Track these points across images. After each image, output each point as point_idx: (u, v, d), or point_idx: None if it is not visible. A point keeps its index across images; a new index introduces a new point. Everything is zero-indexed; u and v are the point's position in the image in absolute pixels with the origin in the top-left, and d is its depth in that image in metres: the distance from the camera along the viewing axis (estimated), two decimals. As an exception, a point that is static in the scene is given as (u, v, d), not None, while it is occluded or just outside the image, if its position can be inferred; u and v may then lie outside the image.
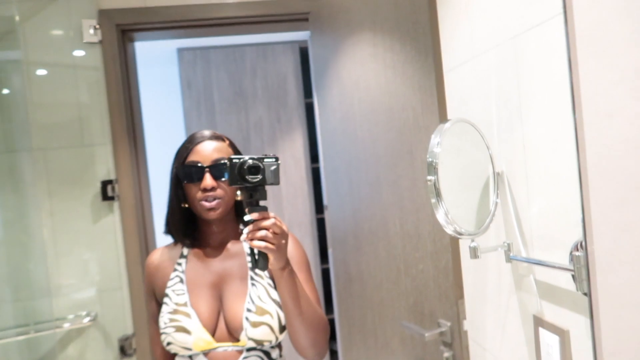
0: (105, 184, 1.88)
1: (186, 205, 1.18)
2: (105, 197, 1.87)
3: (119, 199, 1.90)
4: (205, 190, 1.12)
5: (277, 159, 1.01)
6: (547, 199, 0.71)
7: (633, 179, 0.61)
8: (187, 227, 1.20)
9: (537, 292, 0.74)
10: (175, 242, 1.25)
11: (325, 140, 2.01)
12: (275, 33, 2.78)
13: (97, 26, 1.91)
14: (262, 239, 0.93)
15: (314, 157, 3.44)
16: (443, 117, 1.23)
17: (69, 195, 1.86)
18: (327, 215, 3.22)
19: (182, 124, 3.27)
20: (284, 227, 0.97)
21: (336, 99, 1.85)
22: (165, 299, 1.16)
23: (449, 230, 0.74)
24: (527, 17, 0.73)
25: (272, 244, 0.94)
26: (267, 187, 0.99)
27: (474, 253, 0.77)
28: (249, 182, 0.96)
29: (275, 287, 1.13)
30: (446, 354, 1.30)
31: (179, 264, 1.20)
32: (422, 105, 1.30)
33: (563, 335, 0.68)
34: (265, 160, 0.99)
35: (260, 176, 0.97)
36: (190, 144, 1.17)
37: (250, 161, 0.96)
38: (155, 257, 1.25)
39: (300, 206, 3.34)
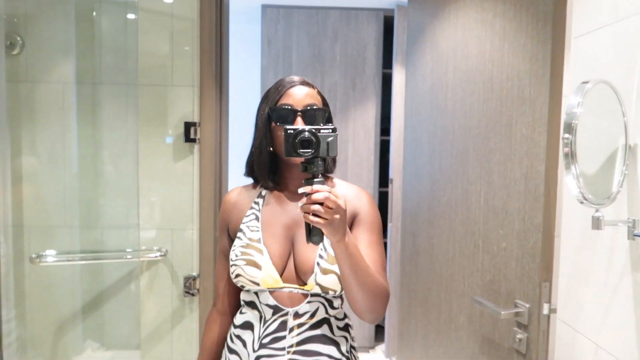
0: (188, 125, 1.92)
1: (270, 149, 1.16)
2: (188, 138, 1.92)
3: (199, 141, 1.94)
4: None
5: (334, 129, 0.95)
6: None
7: None
8: (268, 171, 1.18)
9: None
10: (255, 184, 1.24)
11: (410, 109, 1.96)
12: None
13: (197, -28, 1.92)
14: (315, 213, 0.90)
15: (383, 130, 3.39)
16: (556, 89, 1.16)
17: (153, 133, 1.92)
18: (392, 189, 3.19)
19: (259, 80, 3.30)
20: (340, 202, 0.92)
21: (428, 66, 1.79)
22: (239, 234, 1.17)
23: (578, 196, 0.69)
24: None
25: (325, 218, 0.90)
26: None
27: (597, 224, 0.72)
28: (302, 155, 0.94)
29: None
30: (519, 336, 1.26)
31: (256, 203, 1.20)
32: (531, 76, 1.24)
33: (692, 321, 0.63)
34: (322, 131, 0.94)
35: (312, 150, 0.93)
36: (282, 87, 1.15)
37: (305, 134, 0.93)
38: (234, 194, 1.26)
39: (365, 177, 3.32)
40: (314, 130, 0.94)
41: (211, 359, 1.25)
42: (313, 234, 0.94)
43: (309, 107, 1.13)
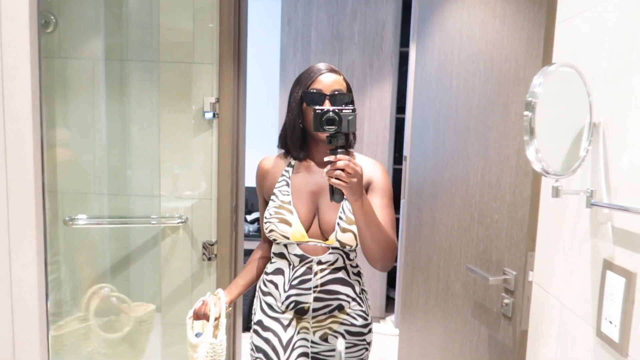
0: (208, 101, 2.04)
1: (301, 126, 1.39)
2: (208, 113, 2.04)
3: (218, 117, 2.06)
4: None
5: (354, 110, 1.17)
6: (641, 151, 0.73)
7: None
8: (300, 144, 1.40)
9: (612, 238, 0.78)
10: (285, 154, 1.46)
11: (418, 88, 2.04)
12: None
13: (218, -48, 2.02)
14: (337, 177, 1.12)
15: (399, 108, 3.45)
16: (546, 71, 1.23)
17: (175, 108, 2.05)
18: (406, 167, 3.27)
19: (278, 58, 3.39)
20: (357, 169, 1.14)
21: (436, 47, 1.86)
22: (273, 197, 1.41)
23: (537, 167, 0.79)
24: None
25: (345, 182, 1.12)
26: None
27: (556, 192, 0.82)
28: (327, 131, 1.16)
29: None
30: (506, 301, 1.36)
31: (287, 171, 1.43)
32: (526, 58, 1.31)
33: (630, 277, 0.72)
34: (344, 111, 1.16)
35: (335, 127, 1.16)
36: (313, 73, 1.36)
37: (330, 113, 1.16)
38: (267, 162, 1.49)
39: (380, 154, 3.40)
40: (337, 111, 1.16)
41: (250, 278, 1.49)
42: (335, 194, 1.17)
43: (336, 92, 1.35)
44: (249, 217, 3.70)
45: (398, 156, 3.56)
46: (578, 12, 0.95)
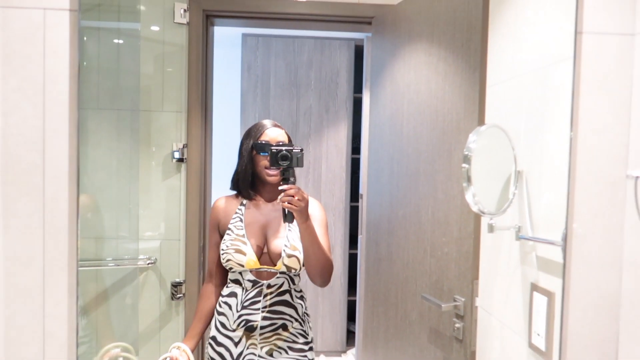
0: (176, 147, 2.15)
1: (250, 170, 1.62)
2: (176, 158, 2.15)
3: (186, 161, 2.17)
4: (271, 156, 1.50)
5: (302, 149, 1.48)
6: (553, 193, 0.92)
7: (606, 180, 0.84)
8: (251, 185, 1.65)
9: (536, 265, 0.96)
10: (237, 195, 1.70)
11: (373, 133, 2.24)
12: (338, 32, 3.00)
13: (186, 9, 2.19)
14: (289, 202, 1.40)
15: (355, 148, 3.67)
16: (481, 123, 1.44)
17: (145, 153, 2.15)
18: (362, 204, 3.46)
19: (239, 103, 3.55)
20: (305, 195, 1.43)
21: (388, 98, 2.07)
22: (228, 231, 1.63)
23: (475, 208, 0.96)
24: (553, 54, 0.94)
25: (296, 206, 1.40)
26: (299, 169, 1.50)
27: (491, 228, 0.99)
28: (281, 166, 1.45)
29: None
30: (457, 325, 1.52)
31: (240, 209, 1.66)
32: (465, 112, 1.52)
33: (550, 296, 0.90)
34: (294, 150, 1.46)
35: (288, 162, 1.45)
36: (261, 127, 1.65)
37: (283, 151, 1.45)
38: (222, 202, 1.71)
39: (337, 193, 3.58)
40: (289, 149, 1.46)
41: (206, 319, 1.67)
42: (287, 216, 1.44)
43: (280, 143, 1.60)
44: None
45: (354, 194, 3.75)
46: (502, 80, 1.16)
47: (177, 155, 2.16)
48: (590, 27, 0.81)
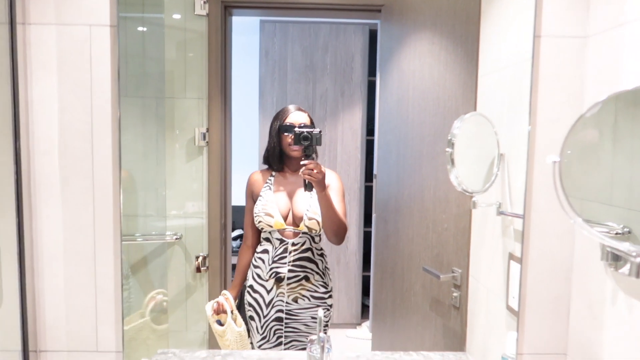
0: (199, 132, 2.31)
1: (279, 147, 1.97)
2: (198, 143, 2.32)
3: (208, 145, 2.34)
4: (294, 136, 1.81)
5: (320, 131, 1.77)
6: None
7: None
8: (279, 160, 1.98)
9: (513, 237, 1.09)
10: (268, 168, 2.03)
11: (382, 118, 2.37)
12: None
13: (206, 1, 2.32)
14: (309, 174, 1.71)
15: (369, 130, 3.78)
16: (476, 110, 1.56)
17: (170, 137, 2.32)
18: (375, 184, 3.58)
19: (257, 87, 3.68)
20: (322, 169, 1.74)
21: (395, 84, 2.19)
22: (260, 198, 1.98)
23: (458, 188, 1.09)
24: (527, 50, 1.05)
25: (315, 177, 1.72)
26: (318, 147, 1.85)
27: (474, 205, 1.12)
28: (303, 144, 1.76)
29: None
30: (455, 294, 1.67)
31: (269, 180, 1.99)
32: (463, 99, 1.64)
33: (524, 261, 1.03)
34: (314, 132, 1.77)
35: (308, 141, 1.75)
36: (287, 111, 1.99)
37: (304, 133, 1.76)
38: (255, 175, 2.08)
39: (352, 173, 3.72)
40: (310, 131, 1.77)
41: (243, 273, 2.03)
42: (307, 186, 1.76)
43: (302, 124, 1.92)
44: (233, 234, 3.94)
45: (369, 174, 3.88)
46: (490, 71, 1.28)
47: (199, 139, 2.33)
48: (547, 31, 0.92)
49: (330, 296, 1.99)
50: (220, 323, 1.94)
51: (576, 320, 1.06)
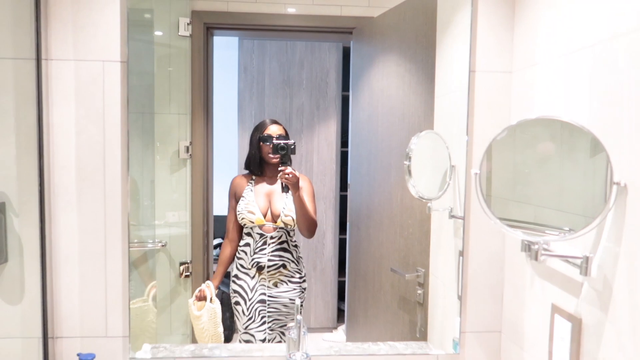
0: (182, 145, 2.46)
1: (258, 155, 2.21)
2: (182, 156, 2.46)
3: (191, 157, 2.48)
4: (272, 147, 2.08)
5: (294, 142, 2.05)
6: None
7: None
8: (259, 166, 2.22)
9: (462, 237, 1.27)
10: (249, 173, 2.27)
11: (354, 131, 2.55)
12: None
13: (189, 23, 2.48)
14: (285, 178, 1.99)
15: (343, 142, 3.98)
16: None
17: (157, 151, 2.46)
18: (349, 193, 3.77)
19: (236, 101, 3.85)
20: (296, 174, 2.02)
21: (366, 100, 2.38)
22: (242, 198, 2.24)
23: (416, 195, 1.27)
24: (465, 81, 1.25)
25: (290, 181, 2.00)
26: (295, 157, 2.08)
27: (429, 210, 1.30)
28: (280, 153, 2.02)
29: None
30: (419, 291, 1.85)
31: (250, 183, 2.24)
32: (425, 116, 1.83)
33: (465, 255, 1.21)
34: (289, 142, 2.04)
35: (285, 151, 2.02)
36: (265, 124, 2.25)
37: (281, 144, 2.03)
38: (238, 178, 2.31)
39: (328, 183, 3.90)
40: (285, 142, 2.04)
41: (225, 264, 2.27)
42: (284, 188, 2.04)
43: (279, 135, 2.16)
44: (214, 242, 4.07)
45: (344, 184, 4.06)
46: (444, 93, 1.47)
47: (183, 152, 2.47)
48: (480, 67, 1.11)
49: (304, 281, 2.28)
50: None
51: (507, 303, 1.29)
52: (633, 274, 0.87)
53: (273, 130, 2.22)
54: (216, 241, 4.19)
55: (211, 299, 2.21)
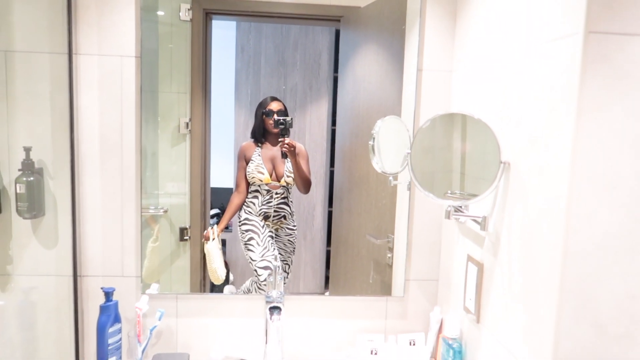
0: (182, 121, 2.70)
1: (262, 127, 2.55)
2: (182, 131, 2.70)
3: (191, 132, 2.72)
4: (274, 122, 2.49)
5: (292, 118, 2.57)
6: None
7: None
8: (263, 135, 2.56)
9: (415, 204, 1.53)
10: (254, 141, 2.64)
11: (340, 112, 2.80)
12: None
13: (190, 8, 2.69)
14: (285, 147, 2.44)
15: (334, 121, 4.21)
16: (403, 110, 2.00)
17: (159, 127, 2.69)
18: (335, 169, 4.01)
19: (233, 80, 4.06)
20: (294, 144, 2.52)
21: (351, 84, 2.62)
22: (251, 161, 2.62)
23: (379, 170, 1.52)
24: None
25: (289, 150, 2.45)
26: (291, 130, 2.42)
27: (390, 182, 1.56)
28: (280, 127, 2.43)
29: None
30: (389, 255, 2.12)
31: (257, 149, 2.59)
32: (397, 101, 2.08)
33: (410, 219, 1.46)
34: (287, 119, 2.52)
35: (283, 125, 2.49)
36: (267, 101, 2.70)
37: (281, 119, 2.47)
38: (247, 144, 2.66)
39: (318, 159, 4.14)
40: (285, 118, 2.51)
41: (233, 212, 2.66)
42: (284, 155, 2.49)
43: (279, 110, 2.53)
44: (211, 212, 4.33)
45: (333, 160, 4.31)
46: (408, 83, 1.71)
47: (183, 128, 2.71)
48: (426, 66, 1.34)
49: (295, 228, 2.78)
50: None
51: (443, 256, 1.59)
52: (511, 229, 1.16)
53: (274, 106, 2.68)
54: (213, 211, 4.45)
55: (213, 240, 2.68)
